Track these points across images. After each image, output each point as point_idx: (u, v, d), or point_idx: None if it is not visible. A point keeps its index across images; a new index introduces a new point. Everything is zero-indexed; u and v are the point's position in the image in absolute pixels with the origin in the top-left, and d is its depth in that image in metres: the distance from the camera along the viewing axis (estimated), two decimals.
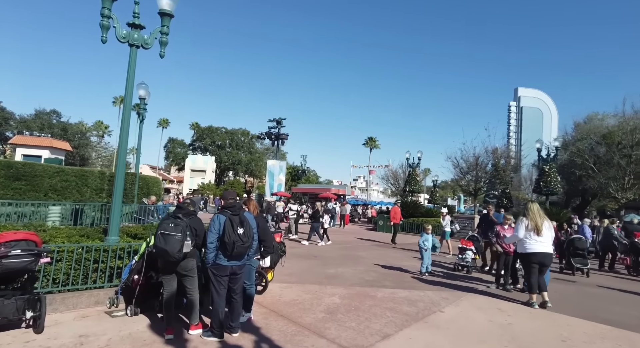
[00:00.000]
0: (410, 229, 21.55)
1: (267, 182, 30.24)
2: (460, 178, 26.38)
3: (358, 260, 10.36)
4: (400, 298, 6.28)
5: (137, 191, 13.32)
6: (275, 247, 6.57)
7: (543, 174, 18.70)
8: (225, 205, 4.33)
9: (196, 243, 4.32)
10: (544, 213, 6.76)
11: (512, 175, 26.11)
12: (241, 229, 4.11)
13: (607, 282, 8.91)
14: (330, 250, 12.20)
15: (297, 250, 11.68)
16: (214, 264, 4.14)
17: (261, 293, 6.11)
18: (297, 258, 9.89)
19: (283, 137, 30.28)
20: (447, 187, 68.21)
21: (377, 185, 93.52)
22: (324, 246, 13.09)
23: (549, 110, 47.66)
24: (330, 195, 24.44)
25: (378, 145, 66.85)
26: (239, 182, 56.87)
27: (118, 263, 5.35)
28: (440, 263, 10.45)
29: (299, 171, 52.98)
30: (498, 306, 6.11)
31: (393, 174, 33.27)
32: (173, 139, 73.36)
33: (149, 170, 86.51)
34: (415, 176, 25.97)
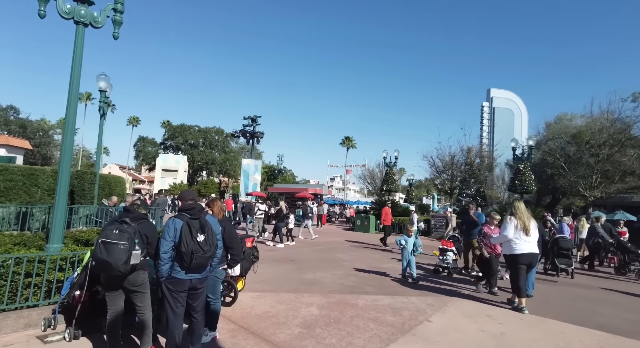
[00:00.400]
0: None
1: (242, 182, 29.30)
2: (436, 177, 26.44)
3: (337, 263, 9.83)
4: (383, 307, 5.78)
5: (97, 191, 12.24)
6: (246, 252, 5.93)
7: (518, 173, 18.84)
8: (183, 207, 3.66)
9: (148, 252, 3.63)
10: (529, 213, 6.48)
11: (486, 174, 26.41)
12: (202, 236, 3.46)
13: (592, 282, 8.80)
14: (308, 252, 11.62)
15: (273, 253, 11.03)
16: (169, 278, 3.47)
17: (230, 305, 5.45)
18: (272, 263, 9.25)
19: (258, 135, 29.43)
20: (421, 186, 69.21)
21: (353, 184, 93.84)
22: (301, 248, 12.50)
23: (520, 110, 49.36)
24: (307, 194, 23.85)
25: (355, 145, 66.86)
26: (212, 182, 55.29)
27: (59, 275, 4.56)
28: (419, 264, 10.07)
29: (275, 171, 52.08)
30: (487, 313, 5.72)
31: (370, 174, 33.10)
32: (143, 138, 70.63)
33: (119, 170, 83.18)
34: (392, 175, 25.75)
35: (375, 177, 32.93)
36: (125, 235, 3.32)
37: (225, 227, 4.10)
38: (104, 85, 11.84)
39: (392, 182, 25.77)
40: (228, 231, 4.13)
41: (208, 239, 3.49)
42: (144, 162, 69.73)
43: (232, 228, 4.31)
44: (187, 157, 64.94)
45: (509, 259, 6.26)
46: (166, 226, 3.52)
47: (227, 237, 4.08)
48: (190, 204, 3.65)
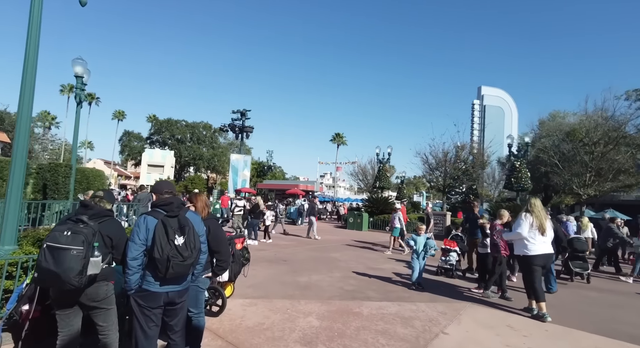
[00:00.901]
0: (382, 226, 20.78)
1: (231, 178, 28.40)
2: (429, 174, 26.00)
3: (333, 263, 9.16)
4: (391, 316, 5.14)
5: (72, 186, 11.31)
6: (236, 255, 5.22)
7: (514, 170, 18.52)
8: (158, 201, 2.93)
9: (113, 258, 2.90)
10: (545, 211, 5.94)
11: (479, 172, 26.11)
12: (181, 238, 2.75)
13: (604, 284, 8.31)
14: (301, 252, 10.93)
15: (263, 253, 10.30)
16: (140, 291, 2.75)
17: (217, 315, 4.74)
18: (263, 264, 8.54)
19: (248, 129, 28.52)
20: (410, 184, 69.16)
21: (343, 181, 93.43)
22: (294, 247, 11.80)
23: (510, 109, 49.65)
24: (298, 191, 23.14)
25: (345, 142, 66.28)
26: (200, 177, 54.02)
27: (8, 284, 3.78)
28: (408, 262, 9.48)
29: (264, 167, 51.05)
30: (506, 322, 5.13)
31: (362, 170, 32.55)
32: (129, 132, 68.75)
33: (104, 165, 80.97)
34: (385, 172, 25.24)
35: (367, 173, 32.42)
36: (79, 238, 2.57)
37: (211, 227, 3.38)
38: (81, 71, 10.90)
39: (384, 178, 25.25)
40: (214, 232, 3.42)
41: (189, 242, 2.78)
42: (130, 157, 67.91)
43: (219, 229, 3.59)
44: (174, 152, 63.37)
45: (522, 261, 5.70)
46: (135, 225, 2.79)
47: (213, 239, 3.36)
48: (166, 198, 2.92)
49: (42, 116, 65.75)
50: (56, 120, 67.51)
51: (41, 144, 58.22)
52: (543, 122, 26.09)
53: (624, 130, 20.63)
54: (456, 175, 24.89)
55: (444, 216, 19.24)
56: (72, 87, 62.37)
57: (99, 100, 69.61)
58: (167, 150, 63.75)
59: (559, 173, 21.68)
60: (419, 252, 6.95)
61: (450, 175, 24.41)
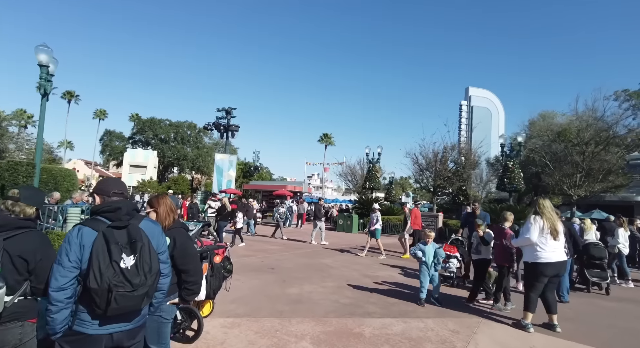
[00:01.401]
0: None
1: (215, 179, 27.35)
2: (419, 174, 25.54)
3: (325, 271, 8.41)
4: (397, 336, 4.43)
5: (37, 186, 10.23)
6: (215, 268, 4.44)
7: (507, 170, 18.15)
8: (100, 206, 2.12)
9: (32, 288, 2.08)
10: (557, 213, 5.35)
11: (470, 172, 25.79)
12: (130, 258, 1.95)
13: (622, 293, 7.76)
14: (289, 258, 10.14)
15: (249, 259, 9.48)
16: (69, 334, 1.94)
17: (192, 341, 3.94)
18: (248, 273, 7.72)
19: (233, 128, 27.53)
20: (397, 184, 68.98)
21: (331, 182, 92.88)
22: (281, 252, 11.01)
23: (497, 110, 49.99)
24: (286, 192, 22.31)
25: (333, 142, 65.68)
26: (183, 178, 52.53)
27: None
28: (412, 271, 8.79)
29: (251, 167, 49.91)
30: (529, 343, 4.47)
31: (351, 171, 31.94)
32: (110, 131, 66.68)
33: (84, 166, 78.28)
34: (375, 172, 24.69)
35: (357, 174, 31.84)
36: None
37: (177, 239, 2.59)
38: (45, 60, 9.89)
39: (374, 179, 24.68)
40: (181, 245, 2.62)
41: (142, 264, 1.98)
42: (111, 157, 65.80)
43: (188, 241, 2.78)
44: (157, 152, 61.61)
45: (530, 268, 5.05)
46: (65, 241, 1.98)
47: (180, 255, 2.57)
48: (112, 202, 2.12)
49: (17, 114, 62.99)
50: (33, 118, 64.79)
51: (16, 143, 55.81)
52: (533, 122, 25.97)
53: (615, 130, 20.56)
54: (446, 176, 24.48)
55: (435, 217, 18.73)
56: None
57: (78, 98, 67.15)
58: (149, 150, 61.94)
59: (550, 173, 21.47)
60: (428, 264, 6.18)
61: (440, 175, 23.97)
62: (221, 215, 11.46)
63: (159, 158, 62.11)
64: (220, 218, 11.47)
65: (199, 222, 9.04)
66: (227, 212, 11.46)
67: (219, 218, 11.50)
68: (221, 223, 11.35)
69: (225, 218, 11.50)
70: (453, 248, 7.88)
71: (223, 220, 11.43)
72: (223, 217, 11.46)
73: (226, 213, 11.46)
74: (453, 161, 24.86)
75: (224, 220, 11.46)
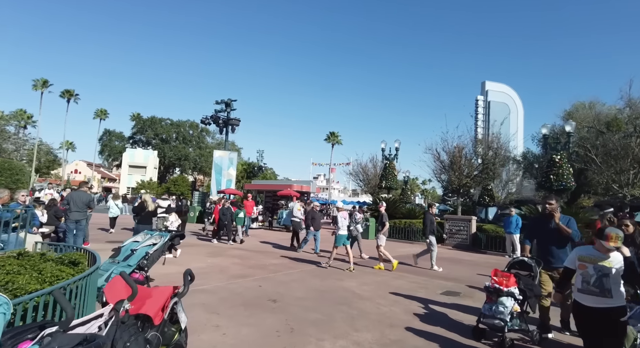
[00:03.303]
0: (392, 234, 17.34)
1: (214, 178, 24.75)
2: (442, 172, 22.71)
3: (352, 305, 5.67)
4: None
5: None
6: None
7: (553, 165, 15.28)
8: None
9: None
10: None
11: (500, 170, 22.96)
12: None
13: None
14: (298, 279, 7.42)
15: (240, 283, 6.79)
16: None
17: None
18: (236, 309, 5.05)
19: (234, 122, 24.89)
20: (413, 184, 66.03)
21: (337, 183, 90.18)
22: (287, 271, 8.30)
23: (515, 105, 47.01)
24: (291, 192, 19.62)
25: (340, 141, 62.84)
26: (184, 179, 50.04)
27: None
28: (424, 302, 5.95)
29: (254, 167, 47.33)
30: None
31: (363, 169, 29.25)
32: (110, 131, 64.57)
33: (86, 167, 76.34)
34: (392, 170, 21.92)
35: (369, 173, 29.13)
36: None
37: None
38: None
39: (392, 177, 21.91)
40: None
41: None
42: (110, 157, 63.69)
43: None
44: (158, 152, 59.35)
45: None
46: None
47: None
48: None
49: (17, 114, 61.06)
50: (32, 118, 62.76)
51: (14, 143, 53.82)
52: (570, 113, 23.08)
53: None
54: (472, 174, 21.62)
55: (468, 222, 15.92)
56: (45, 82, 58.02)
57: (77, 97, 65.10)
58: (150, 150, 59.72)
59: (596, 170, 18.51)
60: None
61: (468, 173, 21.14)
62: (140, 216, 8.72)
63: (160, 158, 59.90)
64: (140, 220, 8.65)
65: (163, 233, 6.37)
66: (148, 211, 8.63)
67: (138, 220, 8.75)
68: (139, 227, 8.53)
69: (146, 220, 8.64)
70: (510, 277, 4.43)
71: (143, 223, 8.57)
72: (142, 218, 8.61)
73: (146, 213, 8.63)
74: (481, 157, 22.05)
75: (145, 223, 8.59)
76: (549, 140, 15.80)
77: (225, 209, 12.29)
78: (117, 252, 5.61)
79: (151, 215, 8.78)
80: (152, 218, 9.04)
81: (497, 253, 13.42)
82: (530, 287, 4.47)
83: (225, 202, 13.09)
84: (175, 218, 10.28)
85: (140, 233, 5.95)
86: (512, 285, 4.37)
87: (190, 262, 8.70)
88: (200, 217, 21.59)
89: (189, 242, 12.01)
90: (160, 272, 7.07)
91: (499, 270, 4.62)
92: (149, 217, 8.69)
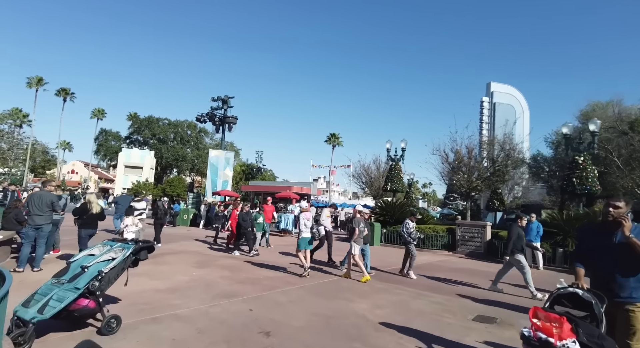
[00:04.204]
0: (398, 241, 16.07)
1: (209, 178, 23.51)
2: (451, 174, 21.46)
3: (367, 340, 4.39)
4: None
5: None
6: None
7: (576, 168, 14.05)
8: None
9: None
10: None
11: (513, 172, 21.69)
12: None
13: None
14: (297, 300, 6.14)
15: (225, 307, 5.51)
16: None
17: None
18: (217, 346, 3.77)
19: (230, 120, 23.68)
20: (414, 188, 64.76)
21: (337, 186, 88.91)
22: (283, 288, 7.02)
23: (521, 106, 45.83)
24: (291, 194, 18.36)
25: (341, 143, 61.73)
26: (180, 179, 48.74)
27: None
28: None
29: (253, 169, 46.12)
30: None
31: (365, 171, 28.02)
32: (106, 131, 63.32)
33: (83, 168, 75.04)
34: (398, 171, 20.67)
35: (372, 174, 27.88)
36: None
37: None
38: None
39: (398, 179, 20.64)
40: None
41: None
42: (106, 157, 62.43)
43: None
44: (155, 152, 58.08)
45: None
46: None
47: None
48: None
49: (13, 113, 59.83)
50: (28, 117, 61.51)
51: (8, 142, 52.54)
52: (587, 112, 21.87)
53: None
54: (484, 176, 20.38)
55: (482, 228, 14.62)
56: (40, 80, 56.82)
57: (74, 96, 63.91)
58: (146, 150, 58.45)
59: (619, 174, 17.26)
60: None
61: (479, 175, 19.89)
62: (82, 219, 7.44)
63: (157, 159, 58.65)
64: (81, 224, 7.39)
65: (126, 244, 5.07)
66: (91, 214, 7.34)
67: (79, 224, 7.46)
68: (82, 232, 7.35)
69: (89, 224, 7.37)
70: (560, 323, 2.75)
71: (86, 227, 7.35)
72: (84, 222, 7.36)
73: (90, 216, 7.35)
74: (492, 159, 20.82)
75: (88, 227, 7.37)
76: (570, 141, 14.57)
77: (244, 214, 10.73)
78: (64, 269, 4.34)
79: (96, 218, 7.47)
80: (98, 222, 7.69)
81: None
82: (598, 342, 2.71)
83: (245, 206, 11.41)
84: (131, 222, 8.54)
85: (98, 244, 4.67)
86: (567, 337, 2.67)
87: (173, 274, 7.44)
88: (194, 219, 20.38)
89: (187, 249, 10.74)
90: (133, 289, 5.81)
91: (540, 310, 2.93)
92: (93, 221, 7.38)
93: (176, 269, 7.94)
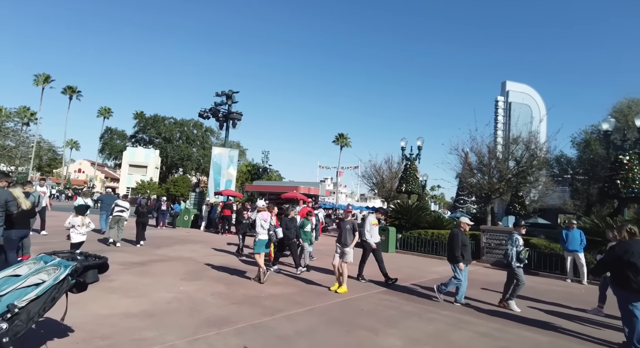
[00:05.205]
0: (416, 246, 14.63)
1: (212, 177, 22.24)
2: (470, 175, 19.91)
3: None
4: None
5: None
6: None
7: (620, 168, 12.48)
8: None
9: None
10: None
11: (538, 174, 20.03)
12: None
13: None
14: (306, 329, 4.76)
15: (205, 347, 4.13)
16: None
17: None
18: None
19: (235, 116, 22.39)
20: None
21: (345, 187, 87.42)
22: (291, 312, 5.64)
23: (538, 106, 44.13)
24: (298, 195, 16.97)
25: (349, 143, 60.29)
26: (184, 179, 47.63)
27: None
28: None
29: (259, 169, 44.89)
30: None
31: (377, 171, 26.53)
32: (111, 129, 62.57)
33: (90, 167, 74.58)
34: (413, 171, 19.21)
35: (383, 175, 26.40)
36: None
37: None
38: None
39: (413, 180, 19.16)
40: None
41: None
42: (110, 156, 61.71)
43: None
44: (160, 151, 57.17)
45: None
46: None
47: None
48: None
49: (20, 111, 59.49)
50: (35, 115, 61.10)
51: (17, 140, 52.05)
52: (620, 110, 20.20)
53: None
54: (507, 178, 18.79)
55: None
56: (47, 78, 56.28)
57: (80, 94, 63.37)
58: (151, 149, 57.57)
59: None
60: None
61: (501, 177, 18.33)
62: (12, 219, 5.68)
63: (162, 158, 57.72)
64: (8, 224, 5.56)
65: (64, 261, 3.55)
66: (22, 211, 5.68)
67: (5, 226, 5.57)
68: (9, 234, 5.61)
69: (20, 223, 5.71)
70: None
71: (15, 228, 5.66)
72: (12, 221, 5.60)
73: (18, 214, 5.62)
74: (515, 159, 19.25)
75: (19, 227, 5.74)
76: (608, 138, 12.99)
77: (289, 221, 8.55)
78: None
79: (27, 215, 5.98)
80: (30, 221, 6.23)
81: (553, 276, 10.69)
82: None
83: (290, 209, 8.85)
84: (80, 222, 6.74)
85: (27, 261, 3.32)
86: None
87: (155, 289, 6.10)
88: (195, 221, 19.14)
89: (180, 256, 9.41)
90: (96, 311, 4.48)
91: None
92: (24, 219, 5.87)
93: (160, 282, 6.61)
